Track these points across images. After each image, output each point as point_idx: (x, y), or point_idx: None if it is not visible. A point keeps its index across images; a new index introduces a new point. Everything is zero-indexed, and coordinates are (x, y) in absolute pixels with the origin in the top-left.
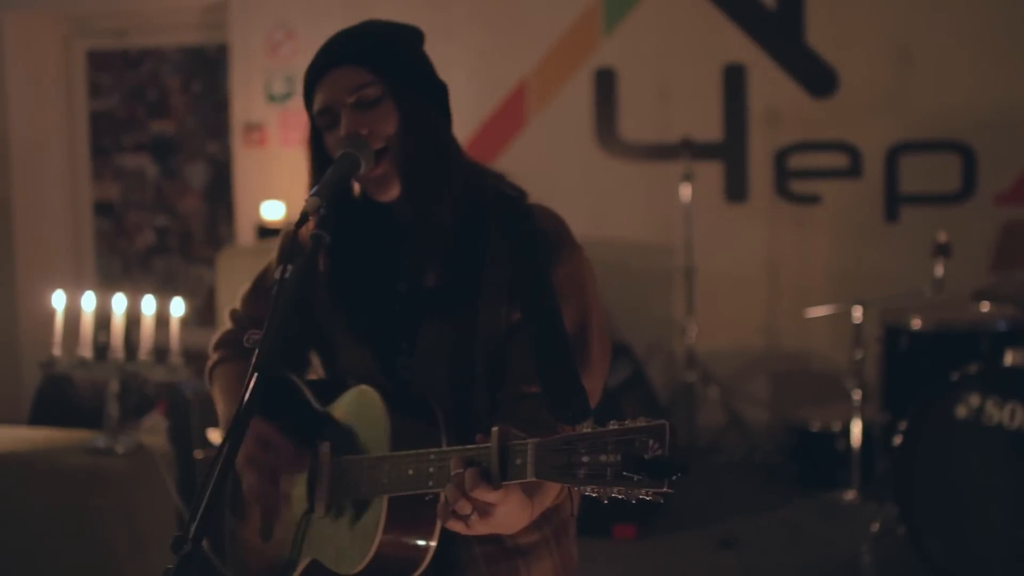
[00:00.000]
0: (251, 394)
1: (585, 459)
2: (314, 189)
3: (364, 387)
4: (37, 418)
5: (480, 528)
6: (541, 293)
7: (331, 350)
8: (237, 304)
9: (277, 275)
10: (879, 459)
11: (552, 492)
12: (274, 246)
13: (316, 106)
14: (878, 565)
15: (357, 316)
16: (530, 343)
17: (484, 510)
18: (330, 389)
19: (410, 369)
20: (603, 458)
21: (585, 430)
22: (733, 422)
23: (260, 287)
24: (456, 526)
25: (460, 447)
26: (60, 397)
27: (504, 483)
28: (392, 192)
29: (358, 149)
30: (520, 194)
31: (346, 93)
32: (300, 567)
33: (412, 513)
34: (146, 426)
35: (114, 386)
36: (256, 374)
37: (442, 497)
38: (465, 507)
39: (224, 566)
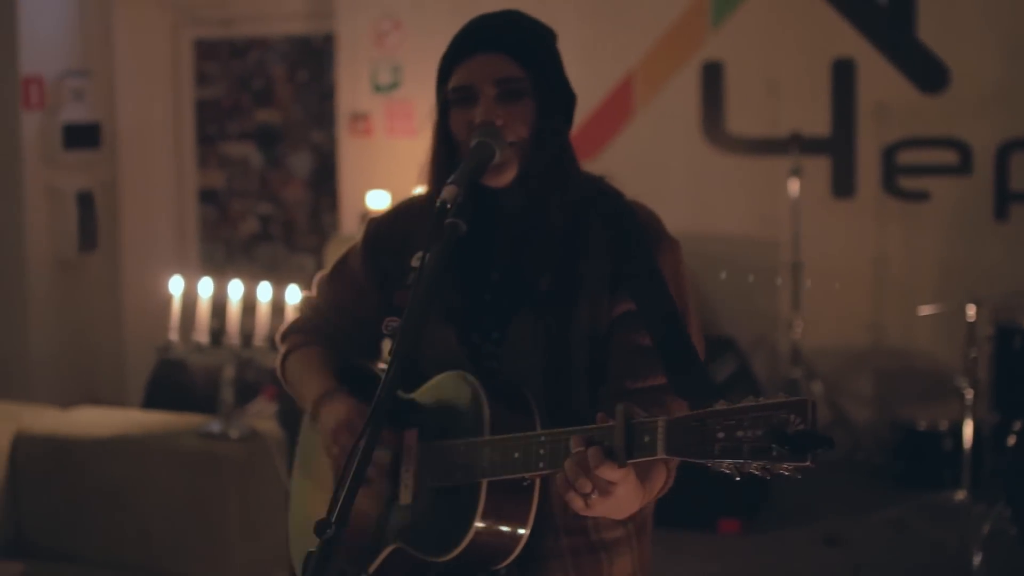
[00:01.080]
0: (391, 382)
1: (720, 435)
2: (452, 177)
3: (460, 373)
4: (151, 402)
5: (598, 508)
6: (654, 282)
7: None
8: (312, 291)
9: (415, 263)
10: (988, 459)
11: (659, 480)
12: (358, 234)
13: (454, 82)
14: (990, 567)
15: (448, 301)
16: (649, 330)
17: (605, 489)
18: (409, 377)
19: (498, 359)
20: (740, 433)
21: (720, 408)
22: (837, 419)
23: (339, 273)
24: (576, 503)
25: (579, 427)
26: (174, 381)
27: (630, 462)
28: (503, 179)
29: (493, 138)
30: (618, 192)
31: (491, 80)
32: (382, 555)
33: (510, 499)
34: (253, 411)
35: (229, 372)
36: (396, 361)
37: (562, 474)
38: (586, 485)
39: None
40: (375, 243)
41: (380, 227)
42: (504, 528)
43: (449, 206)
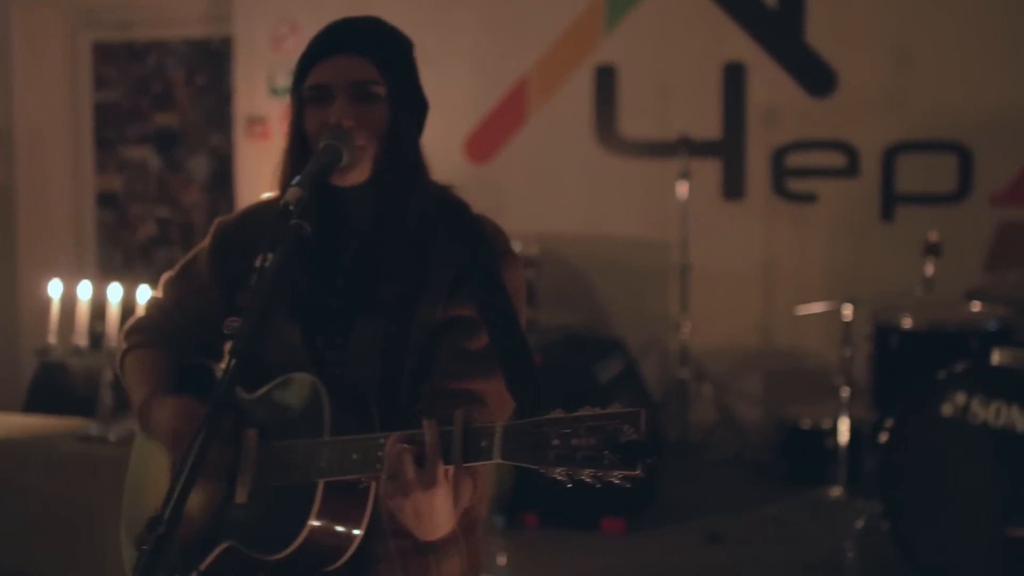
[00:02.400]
0: (230, 380)
1: (556, 442)
2: (296, 179)
3: (302, 374)
4: (32, 405)
5: (408, 514)
6: (497, 293)
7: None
8: (159, 290)
9: (257, 263)
10: (867, 457)
11: (465, 497)
12: (207, 234)
13: (311, 80)
14: (862, 561)
15: (295, 304)
16: (490, 334)
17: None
18: (251, 378)
19: (342, 363)
20: (575, 441)
21: (557, 415)
22: (725, 419)
23: (186, 274)
24: (395, 501)
25: (416, 430)
26: (55, 385)
27: (465, 464)
28: (350, 178)
29: (341, 141)
30: (465, 204)
31: (348, 81)
32: (214, 552)
33: (345, 500)
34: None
35: (108, 374)
36: (235, 360)
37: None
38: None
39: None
40: (222, 245)
41: (228, 230)
42: (338, 528)
43: (292, 208)
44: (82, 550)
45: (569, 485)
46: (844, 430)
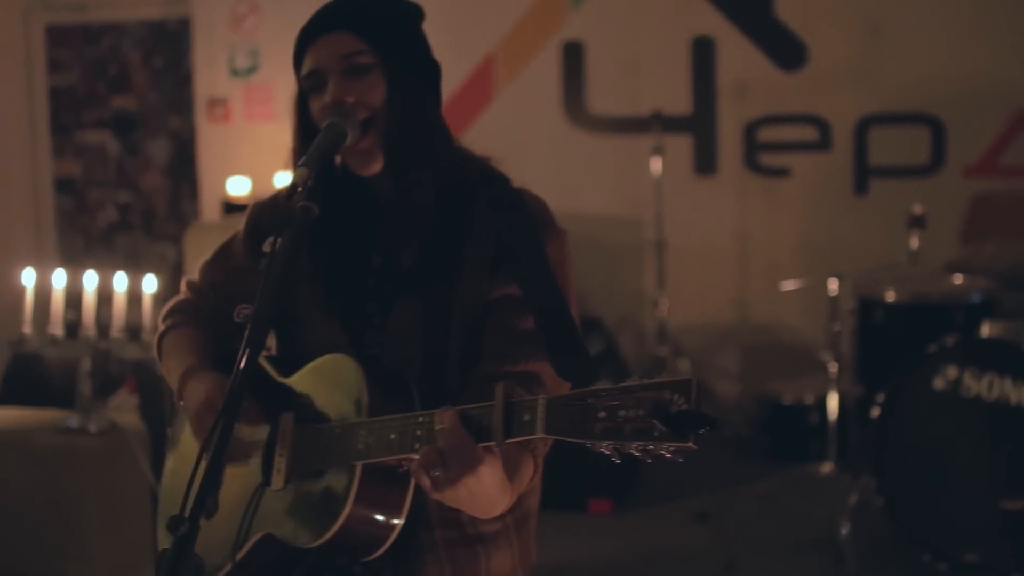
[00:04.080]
0: (244, 370)
1: (602, 415)
2: (302, 160)
3: (338, 355)
4: (6, 397)
5: (463, 489)
6: (540, 269)
7: (296, 324)
8: (195, 275)
9: (266, 248)
10: (854, 432)
11: (528, 474)
12: (241, 220)
13: (304, 69)
14: (856, 537)
15: (330, 288)
16: (534, 314)
17: (470, 465)
18: (288, 363)
19: (380, 345)
20: (622, 413)
21: (602, 386)
22: (704, 396)
23: (222, 257)
24: (424, 482)
25: (458, 406)
26: (30, 376)
27: (508, 441)
28: (374, 167)
29: (343, 118)
30: (505, 177)
31: (336, 59)
32: (250, 543)
33: (385, 486)
34: (114, 404)
35: (86, 364)
36: (248, 348)
37: (423, 452)
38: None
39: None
40: (256, 227)
41: (262, 211)
42: (377, 516)
43: (300, 188)
44: (64, 544)
45: (616, 461)
46: (833, 405)
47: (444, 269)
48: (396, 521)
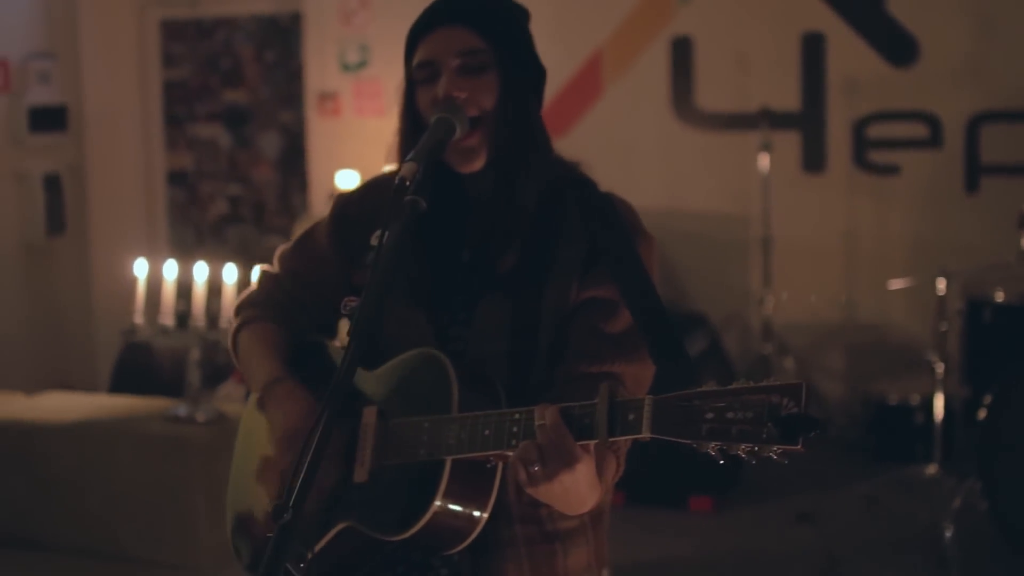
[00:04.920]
0: (350, 362)
1: (709, 415)
2: (411, 154)
3: (426, 350)
4: (117, 386)
5: (558, 485)
6: (636, 269)
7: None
8: (274, 264)
9: (374, 241)
10: (959, 433)
11: (611, 472)
12: (327, 209)
13: (417, 58)
14: (960, 540)
15: (419, 280)
16: (632, 313)
17: (568, 462)
18: (370, 356)
19: (464, 340)
20: (730, 415)
21: (710, 388)
22: (809, 395)
23: (304, 246)
24: (522, 477)
25: (560, 404)
26: (140, 365)
27: (611, 439)
28: (476, 164)
29: (453, 114)
30: (594, 182)
31: (453, 53)
32: (331, 533)
33: (471, 481)
34: (222, 394)
35: (195, 354)
36: (355, 341)
37: (521, 447)
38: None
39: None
40: (343, 218)
41: (349, 202)
42: (463, 510)
43: (408, 183)
44: (170, 529)
45: (721, 461)
46: (939, 406)
47: (537, 270)
48: (481, 515)
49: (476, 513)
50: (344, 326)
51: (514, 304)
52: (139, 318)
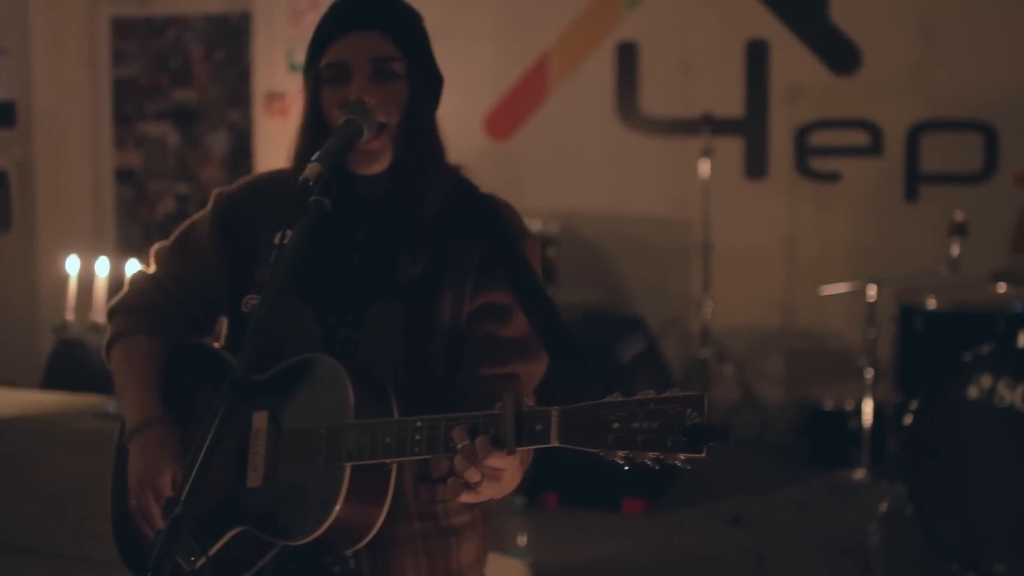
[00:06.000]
0: (247, 360)
1: (615, 426)
2: (316, 155)
3: (320, 356)
4: (50, 382)
5: (488, 492)
6: (525, 270)
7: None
8: (150, 264)
9: (276, 240)
10: (891, 439)
11: (528, 460)
12: (207, 204)
13: (329, 58)
14: (886, 544)
15: (307, 280)
16: (528, 315)
17: (494, 476)
18: (258, 358)
19: (353, 343)
20: (635, 425)
21: (615, 399)
22: (747, 399)
23: (183, 244)
24: (467, 496)
25: (462, 414)
26: (73, 362)
27: (519, 448)
28: (375, 168)
29: (362, 117)
30: (474, 184)
31: (367, 58)
32: (226, 537)
33: (369, 483)
34: None
35: None
36: (253, 339)
37: (454, 466)
38: (475, 475)
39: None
40: (224, 216)
41: (231, 200)
42: (362, 512)
43: (312, 184)
44: (96, 525)
45: (626, 468)
46: (868, 412)
47: (431, 277)
48: (378, 515)
49: (374, 514)
50: (223, 326)
51: (407, 310)
52: (71, 315)
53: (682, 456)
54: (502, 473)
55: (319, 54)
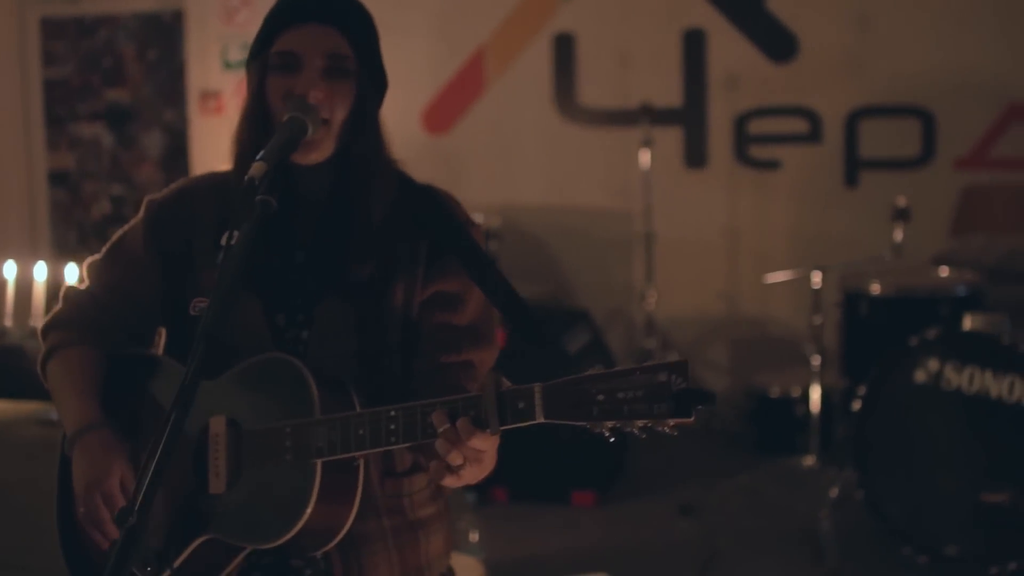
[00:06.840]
0: (198, 364)
1: (600, 397)
2: (261, 154)
3: (275, 355)
4: None
5: (468, 475)
6: (481, 258)
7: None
8: (83, 277)
9: (223, 241)
10: (838, 424)
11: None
12: (139, 212)
13: (280, 46)
14: (837, 530)
15: (253, 280)
16: (489, 297)
17: (476, 458)
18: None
19: (304, 342)
20: (621, 395)
21: (598, 371)
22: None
23: (116, 255)
24: (449, 480)
25: (440, 399)
26: (13, 369)
27: (503, 428)
28: (314, 156)
29: (306, 114)
30: (409, 177)
31: (321, 53)
32: (191, 547)
33: (340, 478)
34: None
35: None
36: (203, 342)
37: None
38: (458, 458)
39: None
40: (157, 223)
41: (163, 207)
42: (333, 510)
43: (258, 183)
44: (38, 534)
45: (612, 439)
46: (816, 398)
47: (379, 272)
48: (349, 512)
49: (345, 510)
50: (162, 335)
51: (358, 305)
52: (9, 320)
53: (671, 422)
54: (483, 455)
55: (270, 41)
